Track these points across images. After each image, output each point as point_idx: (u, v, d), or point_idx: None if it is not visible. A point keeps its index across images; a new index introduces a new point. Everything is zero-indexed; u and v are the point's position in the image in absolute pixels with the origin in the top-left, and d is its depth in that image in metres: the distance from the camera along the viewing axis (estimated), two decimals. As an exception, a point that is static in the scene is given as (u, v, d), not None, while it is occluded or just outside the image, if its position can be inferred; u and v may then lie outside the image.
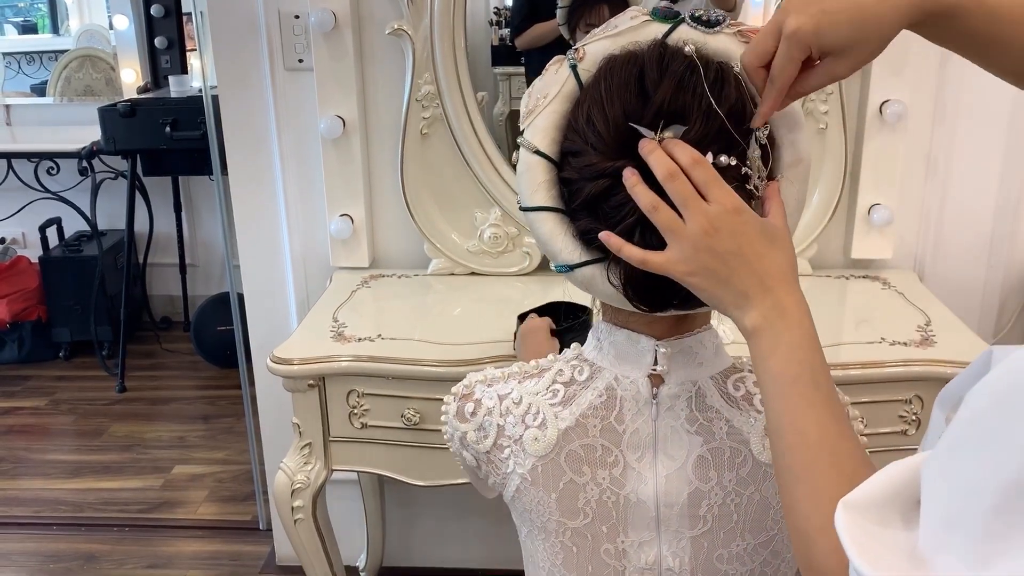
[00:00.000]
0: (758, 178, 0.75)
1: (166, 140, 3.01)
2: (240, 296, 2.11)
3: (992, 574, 0.42)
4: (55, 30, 4.37)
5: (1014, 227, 1.88)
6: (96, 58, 3.91)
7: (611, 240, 0.74)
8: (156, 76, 3.64)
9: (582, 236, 0.78)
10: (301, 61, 1.83)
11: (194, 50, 3.61)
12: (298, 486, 1.54)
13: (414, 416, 1.49)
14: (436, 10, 1.69)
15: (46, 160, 3.40)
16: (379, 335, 1.56)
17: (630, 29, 0.79)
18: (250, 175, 1.93)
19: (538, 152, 0.79)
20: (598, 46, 0.79)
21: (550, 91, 0.79)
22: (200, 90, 2.32)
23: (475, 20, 1.92)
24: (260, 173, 1.92)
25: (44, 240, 3.49)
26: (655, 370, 0.82)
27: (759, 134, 0.75)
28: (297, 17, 1.80)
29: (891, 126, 1.73)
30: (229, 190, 1.97)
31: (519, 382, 0.87)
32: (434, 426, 1.45)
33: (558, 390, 0.85)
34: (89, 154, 3.21)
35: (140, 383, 3.32)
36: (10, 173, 3.34)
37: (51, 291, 3.52)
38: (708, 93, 0.73)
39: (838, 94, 1.72)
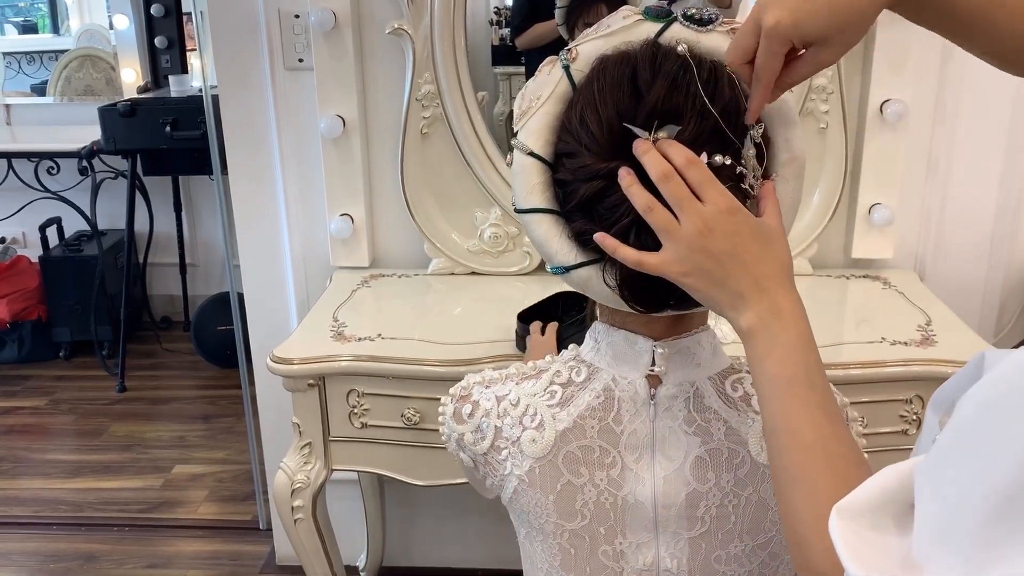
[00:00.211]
0: (753, 177, 0.75)
1: (166, 140, 3.01)
2: (240, 296, 2.11)
3: None
4: (55, 30, 4.37)
5: (1015, 227, 1.88)
6: (96, 58, 3.91)
7: (606, 241, 0.74)
8: (156, 76, 3.63)
9: (577, 237, 0.78)
10: (301, 61, 1.83)
11: (194, 50, 3.61)
12: (298, 486, 1.53)
13: (414, 416, 1.49)
14: (436, 9, 1.69)
15: (46, 160, 3.40)
16: (379, 335, 1.56)
17: (623, 29, 0.78)
18: (250, 175, 1.92)
19: (532, 154, 0.79)
20: (591, 46, 0.79)
21: (543, 92, 0.79)
22: (200, 90, 2.32)
23: (475, 20, 1.92)
24: (260, 173, 1.92)
25: (44, 240, 3.49)
26: (653, 371, 0.82)
27: (753, 133, 0.75)
28: (297, 16, 1.80)
29: (892, 125, 1.73)
30: (229, 190, 1.97)
31: (517, 383, 0.87)
32: (434, 426, 1.44)
33: (556, 391, 0.84)
34: (89, 154, 3.21)
35: (140, 383, 3.32)
36: (10, 173, 3.34)
37: (51, 291, 3.52)
38: (701, 92, 0.73)
39: (838, 93, 1.72)
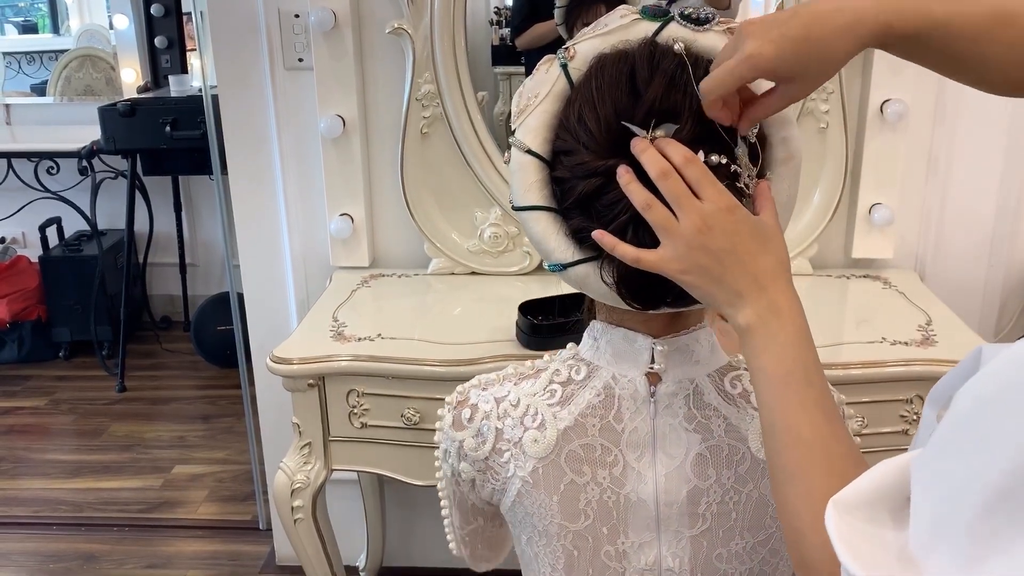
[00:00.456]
0: (748, 176, 0.75)
1: (166, 140, 3.01)
2: (240, 296, 2.11)
3: (982, 574, 0.42)
4: (55, 30, 4.37)
5: (1015, 227, 1.88)
6: (96, 58, 3.91)
7: (604, 239, 0.74)
8: (156, 76, 3.64)
9: (575, 235, 0.78)
10: (301, 60, 1.83)
11: (194, 50, 3.61)
12: (298, 486, 1.53)
13: (414, 416, 1.49)
14: (436, 9, 1.69)
15: (46, 160, 3.40)
16: (379, 335, 1.56)
17: (620, 28, 0.79)
18: (250, 175, 1.92)
19: (530, 151, 0.79)
20: (588, 45, 0.79)
21: (541, 90, 0.79)
22: (200, 90, 2.32)
23: (475, 19, 1.92)
24: (260, 173, 1.92)
25: (44, 240, 3.49)
26: (652, 368, 0.82)
27: (749, 132, 0.75)
28: (297, 16, 1.80)
29: (892, 125, 1.73)
30: (229, 190, 1.97)
31: (515, 384, 0.87)
32: (434, 426, 1.45)
33: (555, 390, 0.84)
34: (89, 154, 3.21)
35: (140, 383, 3.32)
36: (10, 173, 3.34)
37: (51, 291, 3.52)
38: (698, 91, 0.73)
39: (839, 93, 1.72)
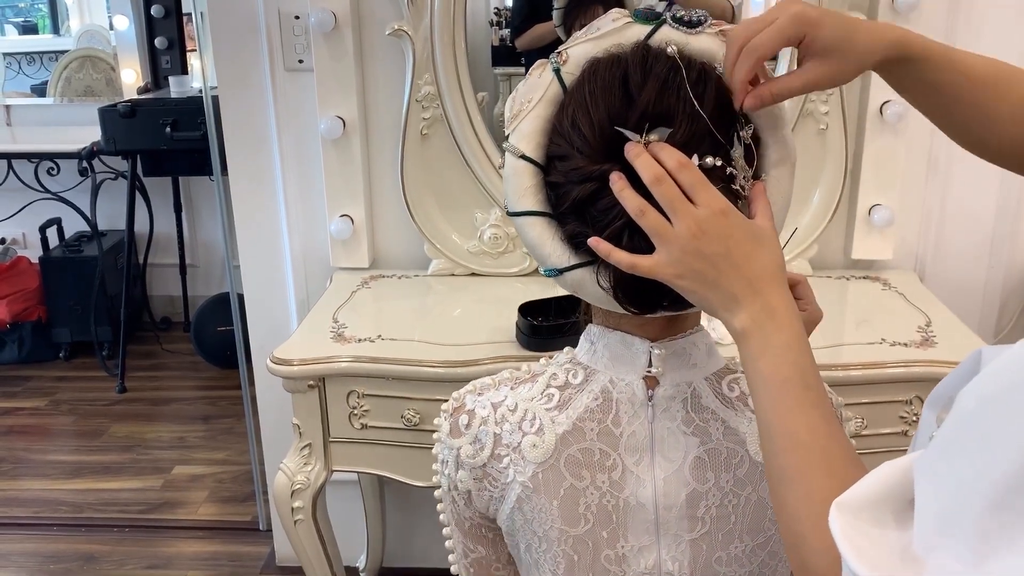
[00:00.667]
0: (743, 178, 0.75)
1: (166, 140, 3.01)
2: (240, 296, 2.11)
3: (986, 572, 0.42)
4: (55, 30, 4.37)
5: (1015, 228, 1.88)
6: (96, 58, 3.91)
7: (600, 246, 0.74)
8: (156, 76, 3.64)
9: (570, 240, 0.78)
10: (301, 61, 1.83)
11: (194, 50, 3.61)
12: (298, 487, 1.54)
13: (414, 417, 1.49)
14: (436, 10, 1.69)
15: (46, 160, 3.40)
16: (379, 336, 1.56)
17: (613, 31, 0.78)
18: (250, 175, 1.93)
19: (524, 157, 0.79)
20: (581, 49, 0.79)
21: (534, 95, 0.79)
22: (200, 90, 2.32)
23: (475, 20, 1.92)
24: (260, 173, 1.92)
25: (44, 240, 3.49)
26: (650, 372, 0.82)
27: (743, 133, 0.75)
28: (297, 17, 1.80)
29: (892, 126, 1.73)
30: (229, 190, 1.97)
31: (512, 388, 0.86)
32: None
33: (553, 394, 0.84)
34: (89, 154, 3.21)
35: (140, 383, 3.32)
36: (10, 173, 3.34)
37: (51, 291, 3.52)
38: (691, 94, 0.73)
39: (839, 94, 1.72)
